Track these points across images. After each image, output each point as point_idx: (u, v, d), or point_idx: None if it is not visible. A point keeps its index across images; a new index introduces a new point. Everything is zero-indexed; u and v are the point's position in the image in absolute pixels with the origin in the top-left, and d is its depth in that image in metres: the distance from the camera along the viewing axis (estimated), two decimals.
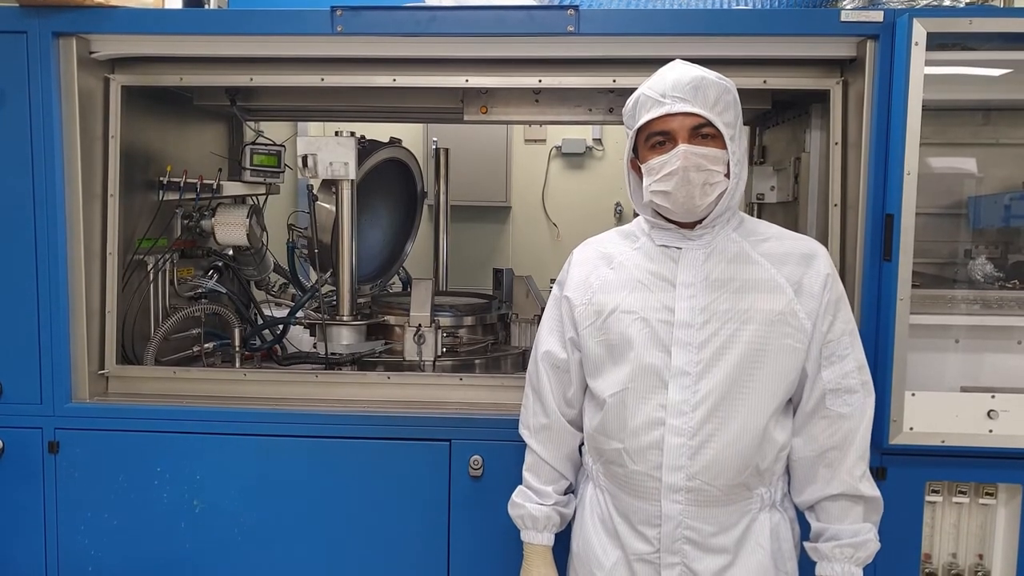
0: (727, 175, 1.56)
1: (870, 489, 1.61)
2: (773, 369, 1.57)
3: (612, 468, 1.66)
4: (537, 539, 1.76)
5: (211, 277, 2.59)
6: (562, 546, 1.80)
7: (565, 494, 1.81)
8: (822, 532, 1.64)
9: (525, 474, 1.81)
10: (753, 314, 1.57)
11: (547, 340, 1.76)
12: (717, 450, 1.56)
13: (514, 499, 1.81)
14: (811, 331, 1.59)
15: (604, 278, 1.67)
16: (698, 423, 1.56)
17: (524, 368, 2.09)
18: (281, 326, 2.58)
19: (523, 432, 1.83)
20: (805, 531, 1.70)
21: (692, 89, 1.53)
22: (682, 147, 1.53)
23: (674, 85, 1.53)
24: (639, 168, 1.62)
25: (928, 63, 1.90)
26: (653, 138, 1.57)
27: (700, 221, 1.61)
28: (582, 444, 1.79)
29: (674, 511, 1.58)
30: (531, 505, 1.77)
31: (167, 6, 2.24)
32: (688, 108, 1.52)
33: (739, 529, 1.60)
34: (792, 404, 1.66)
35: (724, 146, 1.55)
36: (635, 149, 1.63)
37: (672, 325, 1.59)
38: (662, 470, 1.57)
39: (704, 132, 1.54)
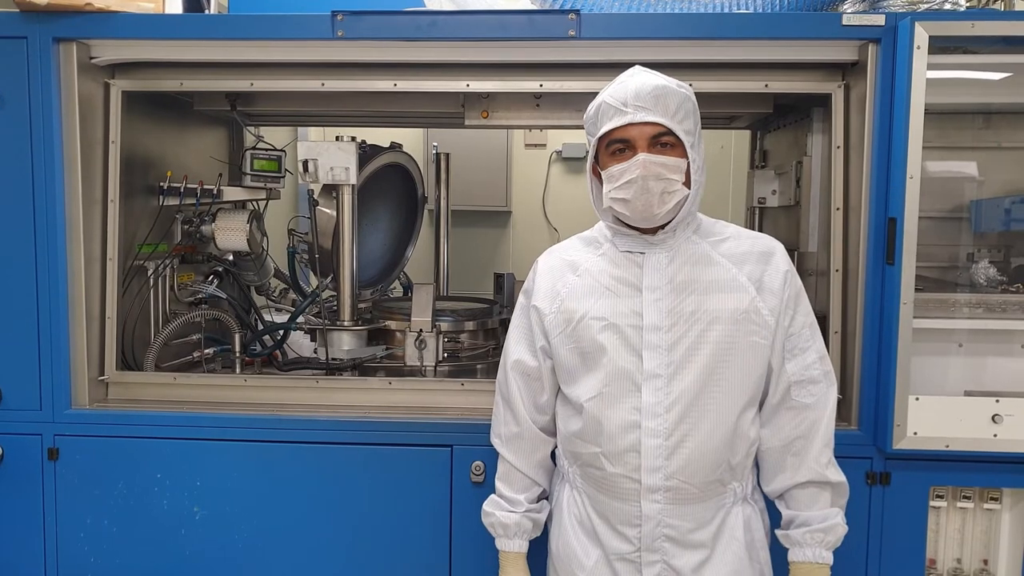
0: (686, 183, 1.58)
1: (836, 475, 1.66)
2: (741, 366, 1.61)
3: (589, 471, 1.68)
4: (509, 546, 1.78)
5: (211, 282, 2.58)
6: (539, 549, 1.81)
7: (538, 500, 1.82)
8: (792, 519, 1.68)
9: (497, 483, 1.83)
10: (719, 314, 1.60)
11: (516, 349, 1.78)
12: (692, 449, 1.59)
13: (485, 507, 1.83)
14: (774, 327, 1.63)
15: (571, 285, 1.69)
16: (672, 424, 1.59)
17: None
18: (281, 331, 2.57)
19: (494, 441, 1.84)
20: (774, 521, 1.74)
21: (654, 98, 1.54)
22: (641, 156, 1.54)
23: (636, 94, 1.54)
24: (600, 174, 1.63)
25: (930, 67, 1.91)
26: (614, 145, 1.58)
27: (662, 226, 1.62)
28: (554, 449, 1.80)
29: (653, 511, 1.61)
30: (501, 513, 1.78)
31: (167, 11, 2.24)
32: (649, 117, 1.53)
33: (715, 524, 1.64)
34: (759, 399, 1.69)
35: (684, 154, 1.56)
36: (596, 155, 1.65)
37: (641, 329, 1.61)
38: (640, 472, 1.61)
39: (664, 140, 1.56)
